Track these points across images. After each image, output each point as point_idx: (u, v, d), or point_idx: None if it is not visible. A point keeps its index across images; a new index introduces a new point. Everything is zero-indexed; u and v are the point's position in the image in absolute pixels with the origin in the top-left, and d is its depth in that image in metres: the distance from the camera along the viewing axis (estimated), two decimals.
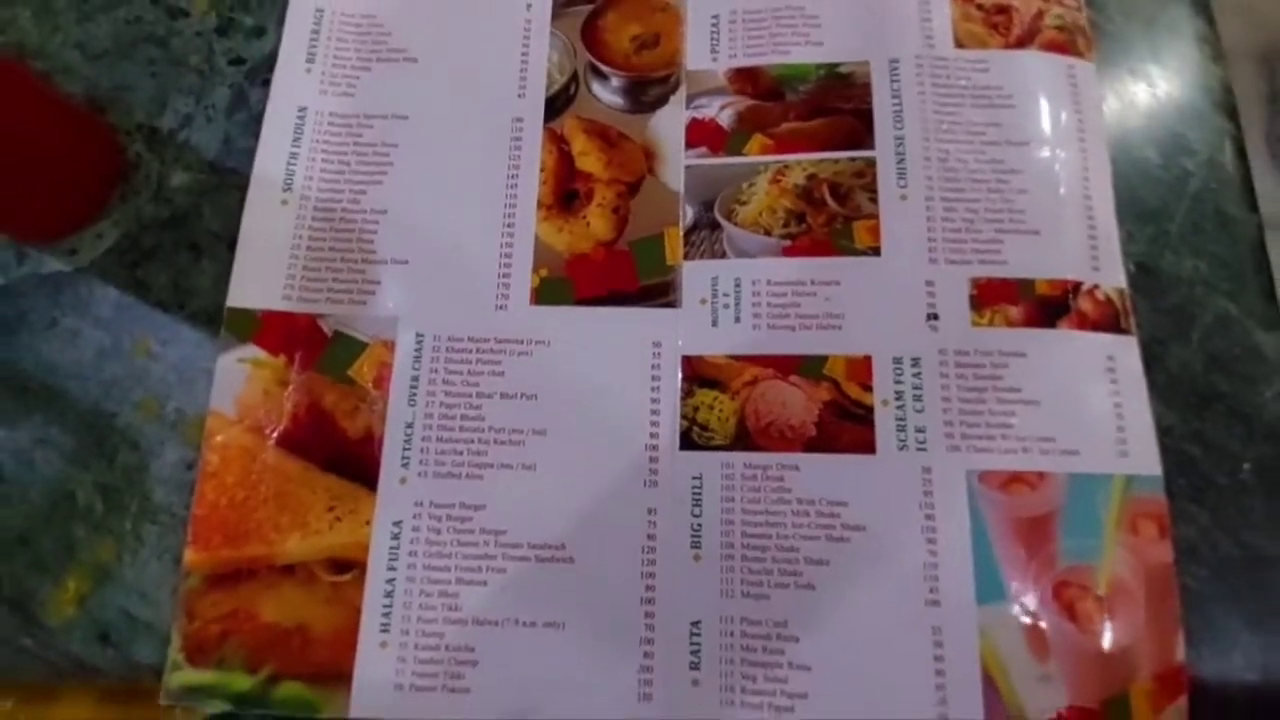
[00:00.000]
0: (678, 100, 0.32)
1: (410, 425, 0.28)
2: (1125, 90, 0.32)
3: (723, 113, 0.32)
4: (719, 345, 0.29)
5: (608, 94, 0.32)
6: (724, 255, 0.30)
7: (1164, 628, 0.25)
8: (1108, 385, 0.28)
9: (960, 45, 0.31)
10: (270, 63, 0.33)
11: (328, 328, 0.29)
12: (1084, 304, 0.28)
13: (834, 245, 0.29)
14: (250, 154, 0.31)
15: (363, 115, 0.32)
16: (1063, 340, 0.28)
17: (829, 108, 0.31)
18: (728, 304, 0.29)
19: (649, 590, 0.26)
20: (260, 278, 0.30)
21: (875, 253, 0.29)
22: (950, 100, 0.31)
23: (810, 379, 0.28)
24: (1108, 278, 0.29)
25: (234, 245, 0.30)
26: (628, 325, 0.29)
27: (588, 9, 0.33)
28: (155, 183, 0.32)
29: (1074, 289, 0.28)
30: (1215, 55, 0.32)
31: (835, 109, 0.31)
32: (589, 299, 0.30)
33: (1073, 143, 0.30)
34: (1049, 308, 0.28)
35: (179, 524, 0.27)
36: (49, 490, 0.28)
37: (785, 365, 0.28)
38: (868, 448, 0.27)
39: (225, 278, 0.30)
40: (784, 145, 0.31)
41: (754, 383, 0.28)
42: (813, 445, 0.27)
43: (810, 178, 0.30)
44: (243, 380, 0.28)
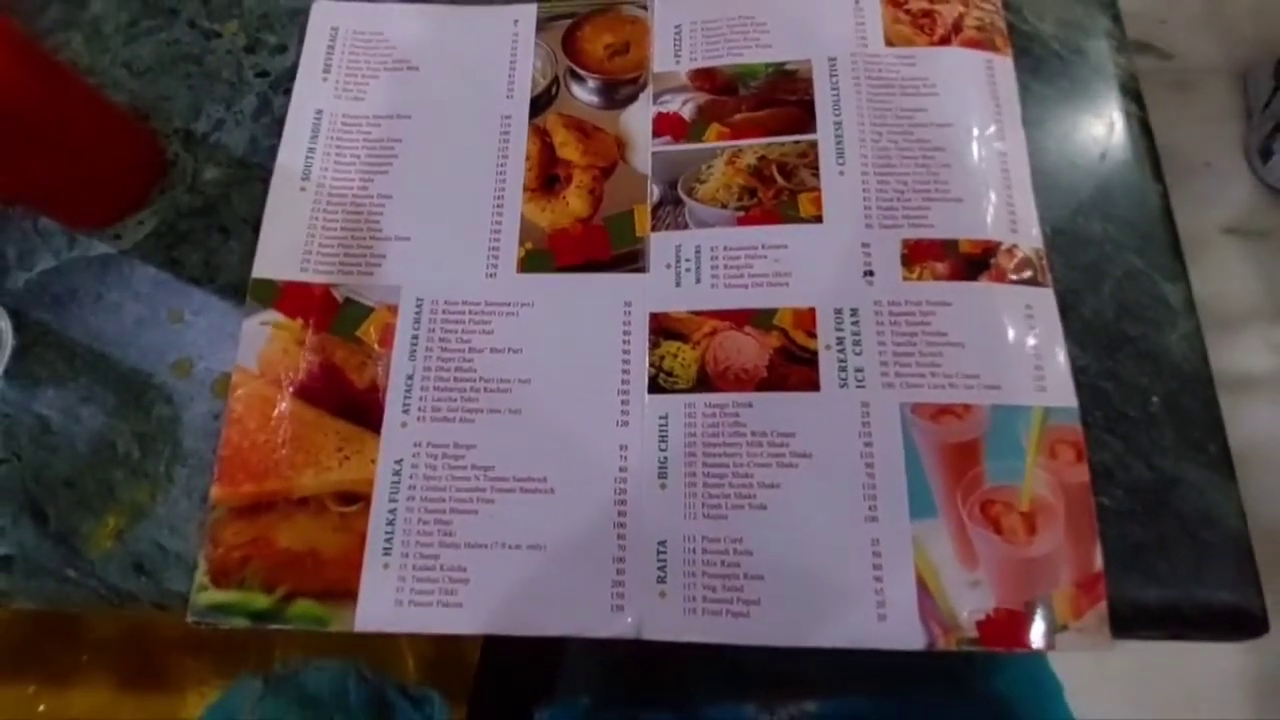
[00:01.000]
0: (646, 98, 0.36)
1: (410, 377, 0.32)
2: (1040, 80, 0.36)
3: (684, 106, 0.36)
4: (682, 303, 0.32)
5: (585, 94, 0.37)
6: (686, 226, 0.34)
7: (1082, 539, 0.28)
8: (1026, 329, 0.31)
9: (890, 44, 0.36)
10: (291, 74, 0.37)
11: (339, 295, 0.33)
12: (1003, 260, 0.32)
13: (781, 215, 0.33)
14: (273, 151, 0.36)
15: (371, 116, 0.37)
16: (984, 291, 0.32)
17: (776, 100, 0.36)
18: (689, 267, 0.33)
19: (620, 515, 0.30)
20: (281, 253, 0.34)
21: (818, 220, 0.33)
22: (882, 90, 0.35)
23: (761, 329, 0.32)
24: (1024, 240, 0.33)
25: (258, 227, 0.34)
26: (602, 288, 0.33)
27: (568, 22, 0.38)
28: (190, 177, 0.36)
29: (994, 248, 0.32)
30: (1120, 47, 0.36)
31: (782, 100, 0.35)
32: (568, 266, 0.34)
33: (990, 124, 0.34)
34: (972, 264, 0.32)
35: (206, 466, 0.31)
36: (93, 440, 0.32)
37: (740, 318, 0.32)
38: (813, 386, 0.31)
39: (250, 256, 0.34)
40: (738, 132, 0.35)
41: (713, 334, 0.32)
42: (764, 385, 0.31)
43: (761, 159, 0.34)
44: (264, 340, 0.32)
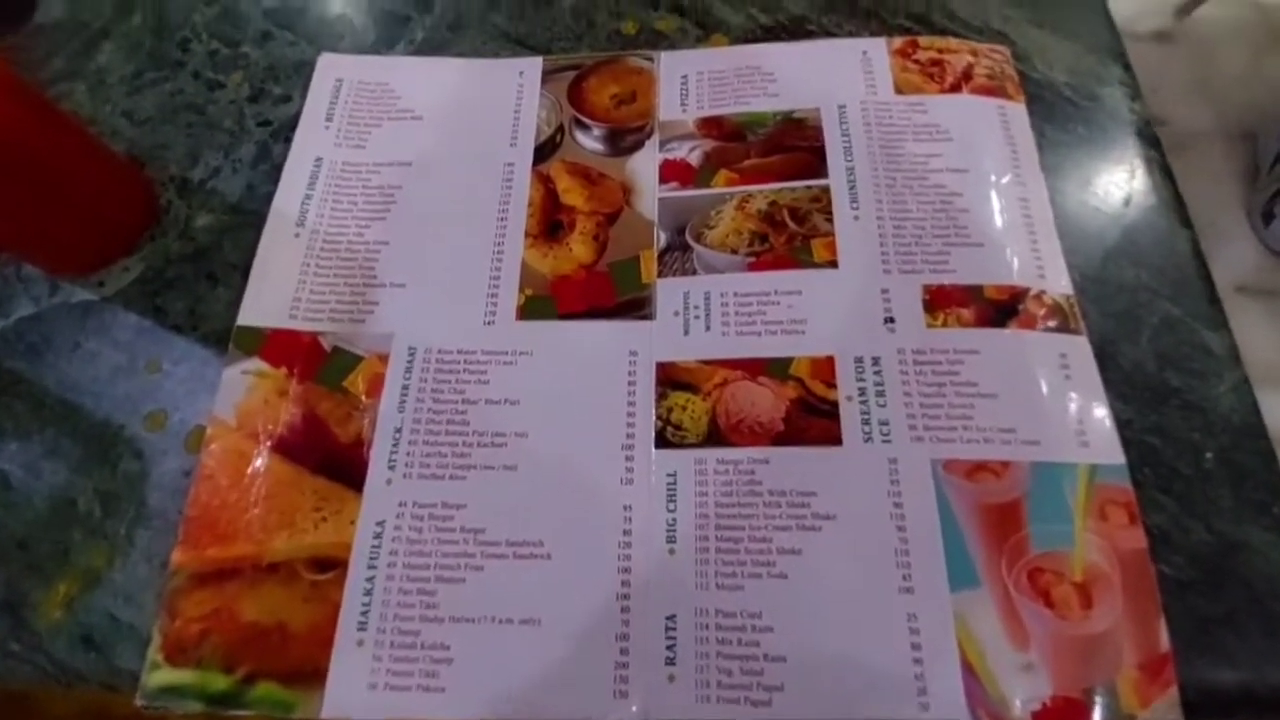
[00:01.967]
0: (652, 144, 0.36)
1: (399, 430, 0.30)
2: (1055, 125, 0.35)
3: (692, 153, 0.35)
4: (690, 351, 0.30)
5: (590, 141, 0.36)
6: (695, 273, 0.32)
7: (1144, 613, 0.25)
8: (1063, 379, 0.29)
9: (900, 91, 0.35)
10: (293, 123, 0.37)
11: (327, 344, 0.32)
12: (1032, 306, 0.30)
13: (795, 260, 0.32)
14: (269, 198, 0.35)
15: (371, 163, 0.36)
16: (1014, 339, 0.30)
17: (786, 146, 0.35)
18: (698, 315, 0.31)
19: (624, 586, 0.27)
20: (270, 300, 0.32)
21: (833, 265, 0.32)
22: (893, 136, 0.34)
23: (777, 379, 0.29)
24: (1053, 285, 0.31)
25: (249, 273, 0.33)
26: (606, 336, 0.31)
27: (573, 74, 0.38)
28: (182, 223, 0.35)
29: (1021, 294, 0.30)
30: (1134, 95, 0.36)
31: (792, 147, 0.35)
32: (570, 314, 0.32)
33: (1007, 170, 0.33)
34: (999, 310, 0.30)
35: (171, 528, 0.28)
36: (52, 497, 0.30)
37: (753, 368, 0.30)
38: (834, 440, 0.28)
39: (238, 302, 0.32)
40: (747, 178, 0.34)
41: (724, 384, 0.30)
42: (781, 439, 0.28)
43: (771, 204, 0.33)
44: (244, 390, 0.30)
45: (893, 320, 0.30)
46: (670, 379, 0.30)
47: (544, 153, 0.36)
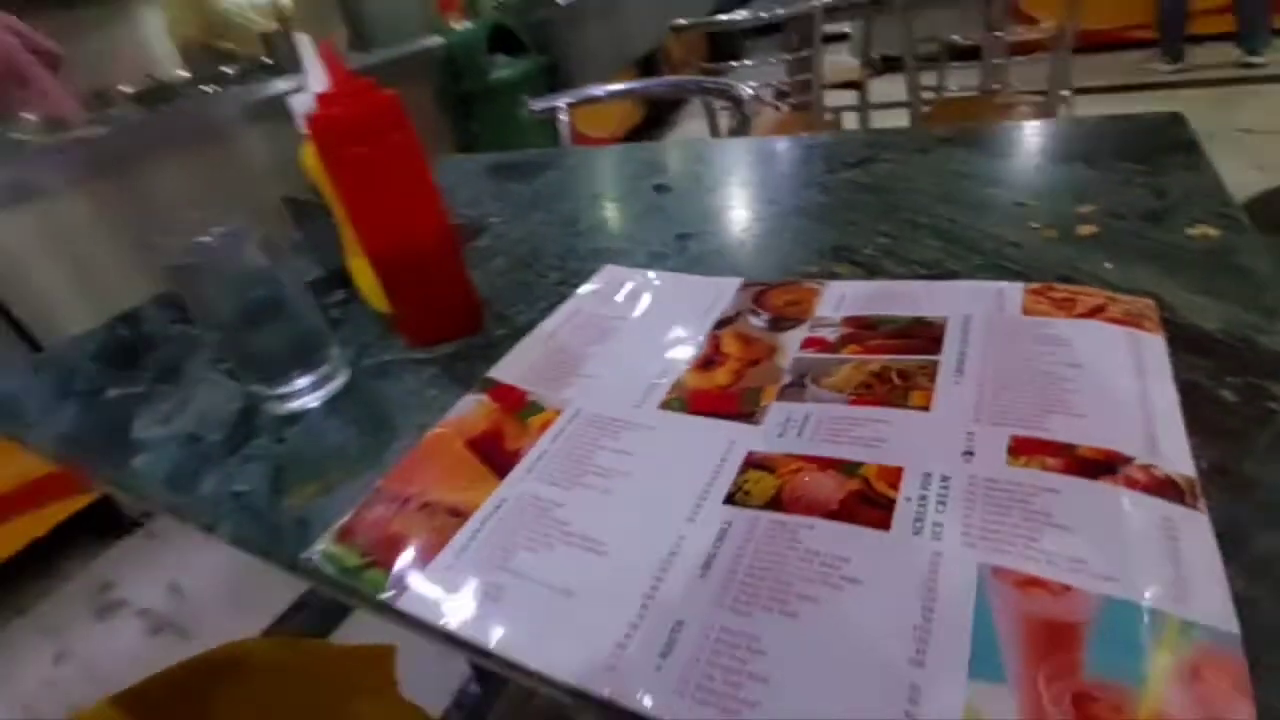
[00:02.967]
0: (803, 328, 0.46)
1: (545, 452, 0.39)
2: (1198, 355, 0.36)
3: (831, 333, 0.44)
4: (778, 448, 0.36)
5: (757, 321, 0.48)
6: (805, 402, 0.39)
7: None
8: (1164, 538, 0.27)
9: (1026, 314, 0.41)
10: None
11: (530, 398, 0.45)
12: (1135, 473, 0.29)
13: (891, 401, 0.37)
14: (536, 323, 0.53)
15: (609, 316, 0.53)
16: (1106, 491, 0.29)
17: (910, 335, 0.42)
18: (795, 428, 0.37)
19: (652, 589, 0.30)
20: (512, 369, 0.48)
21: (924, 409, 0.35)
22: (1015, 339, 0.39)
23: (844, 474, 0.33)
24: (1170, 463, 0.30)
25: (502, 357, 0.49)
26: (714, 428, 0.39)
27: (761, 288, 0.52)
28: (491, 333, 0.55)
29: (1124, 460, 0.30)
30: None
31: (916, 336, 0.41)
32: (698, 412, 0.40)
33: (1130, 375, 0.35)
34: (1092, 466, 0.30)
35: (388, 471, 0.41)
36: (333, 448, 0.45)
37: (826, 463, 0.34)
38: (882, 526, 0.29)
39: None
40: (870, 350, 0.41)
41: (797, 470, 0.34)
42: (832, 515, 0.31)
43: (884, 367, 0.39)
44: (469, 409, 0.44)
45: (972, 454, 0.32)
46: (753, 463, 0.35)
47: (721, 325, 0.49)
